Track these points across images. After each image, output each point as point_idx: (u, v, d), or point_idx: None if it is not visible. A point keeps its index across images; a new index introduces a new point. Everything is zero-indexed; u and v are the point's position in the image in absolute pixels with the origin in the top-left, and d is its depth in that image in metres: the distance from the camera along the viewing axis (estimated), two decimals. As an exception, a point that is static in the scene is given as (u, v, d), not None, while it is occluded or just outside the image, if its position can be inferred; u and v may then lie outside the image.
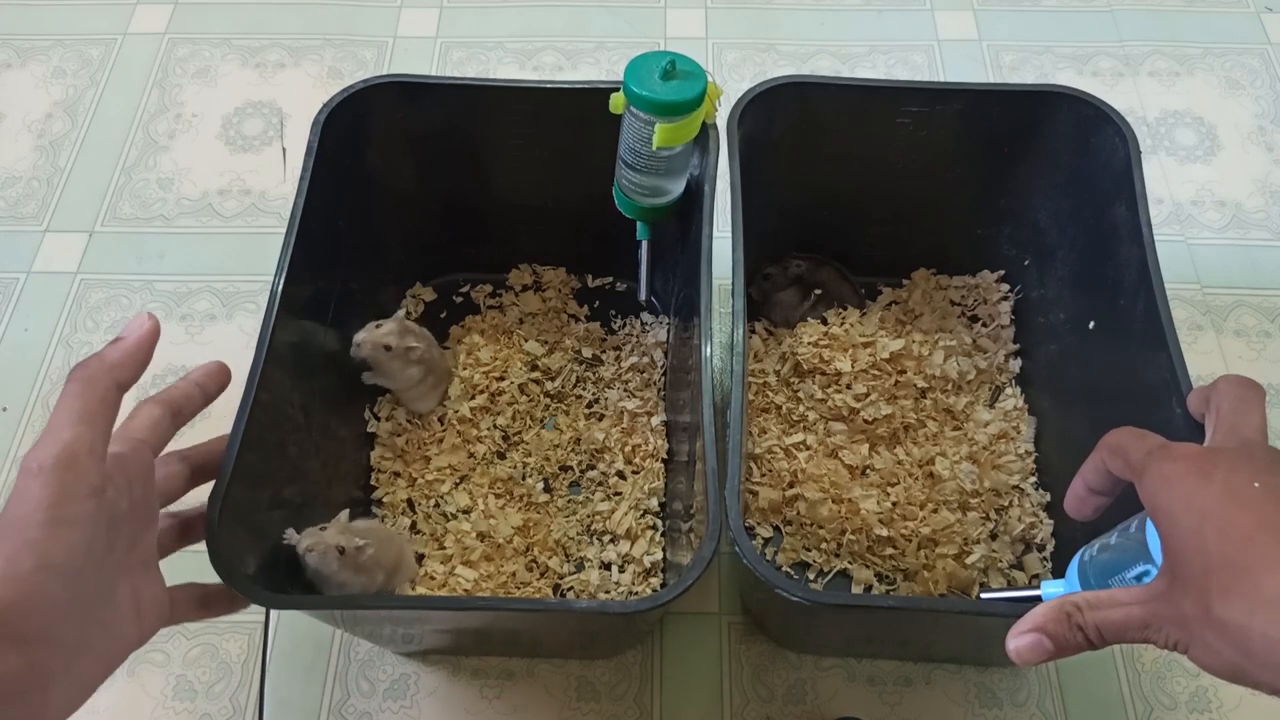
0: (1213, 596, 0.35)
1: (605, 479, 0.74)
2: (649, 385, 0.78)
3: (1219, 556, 0.35)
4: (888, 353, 0.77)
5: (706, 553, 0.49)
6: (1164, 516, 0.38)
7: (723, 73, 1.02)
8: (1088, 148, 0.67)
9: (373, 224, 0.74)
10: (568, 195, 0.75)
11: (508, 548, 0.70)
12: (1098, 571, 0.46)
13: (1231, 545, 0.35)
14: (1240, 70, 1.02)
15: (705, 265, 0.60)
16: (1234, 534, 0.35)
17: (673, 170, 0.64)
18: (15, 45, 1.05)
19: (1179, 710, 0.68)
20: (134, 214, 0.92)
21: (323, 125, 0.65)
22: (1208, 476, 0.38)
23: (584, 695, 0.68)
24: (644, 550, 0.70)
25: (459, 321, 0.82)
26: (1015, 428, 0.76)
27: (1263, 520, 0.35)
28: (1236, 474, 0.37)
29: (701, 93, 0.59)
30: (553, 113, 0.69)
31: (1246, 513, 0.36)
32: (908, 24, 1.06)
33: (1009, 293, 0.81)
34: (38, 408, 0.81)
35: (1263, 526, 0.35)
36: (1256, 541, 0.35)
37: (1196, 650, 0.37)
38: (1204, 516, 0.36)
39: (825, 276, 0.82)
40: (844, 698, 0.68)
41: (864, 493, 0.72)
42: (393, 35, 1.05)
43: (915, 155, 0.72)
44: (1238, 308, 0.86)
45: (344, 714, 0.68)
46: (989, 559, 0.70)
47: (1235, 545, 0.35)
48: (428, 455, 0.75)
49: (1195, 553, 0.36)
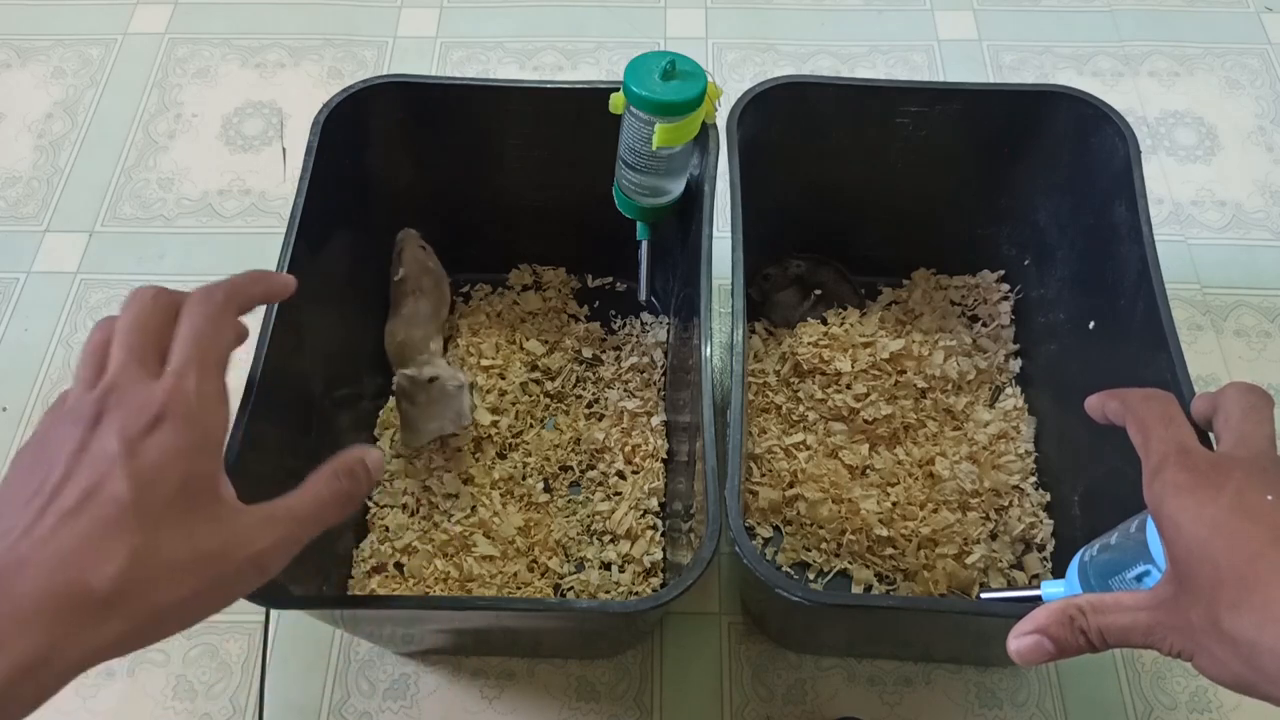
0: (1221, 609, 0.35)
1: (605, 479, 0.74)
2: (649, 385, 0.78)
3: (1229, 569, 0.35)
4: (888, 353, 0.77)
5: (706, 553, 0.49)
6: (1169, 524, 0.38)
7: (723, 73, 1.02)
8: (1088, 147, 0.67)
9: (372, 224, 0.74)
10: (568, 195, 0.75)
11: (509, 548, 0.70)
12: (1098, 571, 0.46)
13: (1242, 559, 0.35)
14: (1240, 70, 1.02)
15: (705, 265, 0.60)
16: (1245, 548, 0.35)
17: (672, 170, 0.64)
18: (15, 45, 1.05)
19: (1179, 710, 0.68)
20: (134, 214, 0.92)
21: (322, 125, 0.65)
22: (1219, 488, 0.37)
23: (584, 695, 0.68)
24: (644, 550, 0.70)
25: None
26: (1015, 428, 0.76)
27: (1274, 535, 0.35)
28: (1248, 486, 0.37)
29: (701, 93, 0.59)
30: (553, 113, 0.69)
31: (1258, 527, 0.36)
32: (908, 24, 1.06)
33: (1009, 293, 0.81)
34: (38, 408, 0.81)
35: (1274, 541, 0.35)
36: (1267, 557, 0.35)
37: (1202, 660, 0.36)
38: (1214, 528, 0.36)
39: (825, 276, 0.82)
40: (844, 698, 0.68)
41: (864, 493, 0.72)
42: (393, 35, 1.06)
43: (915, 155, 0.72)
44: (1238, 308, 0.86)
45: (344, 714, 0.68)
46: (989, 559, 0.70)
47: (1246, 559, 0.35)
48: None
49: (1204, 564, 0.36)
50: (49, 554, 0.35)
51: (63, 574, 0.34)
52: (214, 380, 0.41)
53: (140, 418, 0.37)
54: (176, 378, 0.39)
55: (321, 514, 0.42)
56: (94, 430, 0.37)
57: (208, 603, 0.38)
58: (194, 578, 0.37)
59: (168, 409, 0.38)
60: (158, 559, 0.36)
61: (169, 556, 0.36)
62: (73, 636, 0.34)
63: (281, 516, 0.40)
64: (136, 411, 0.38)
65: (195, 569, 0.37)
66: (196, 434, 0.39)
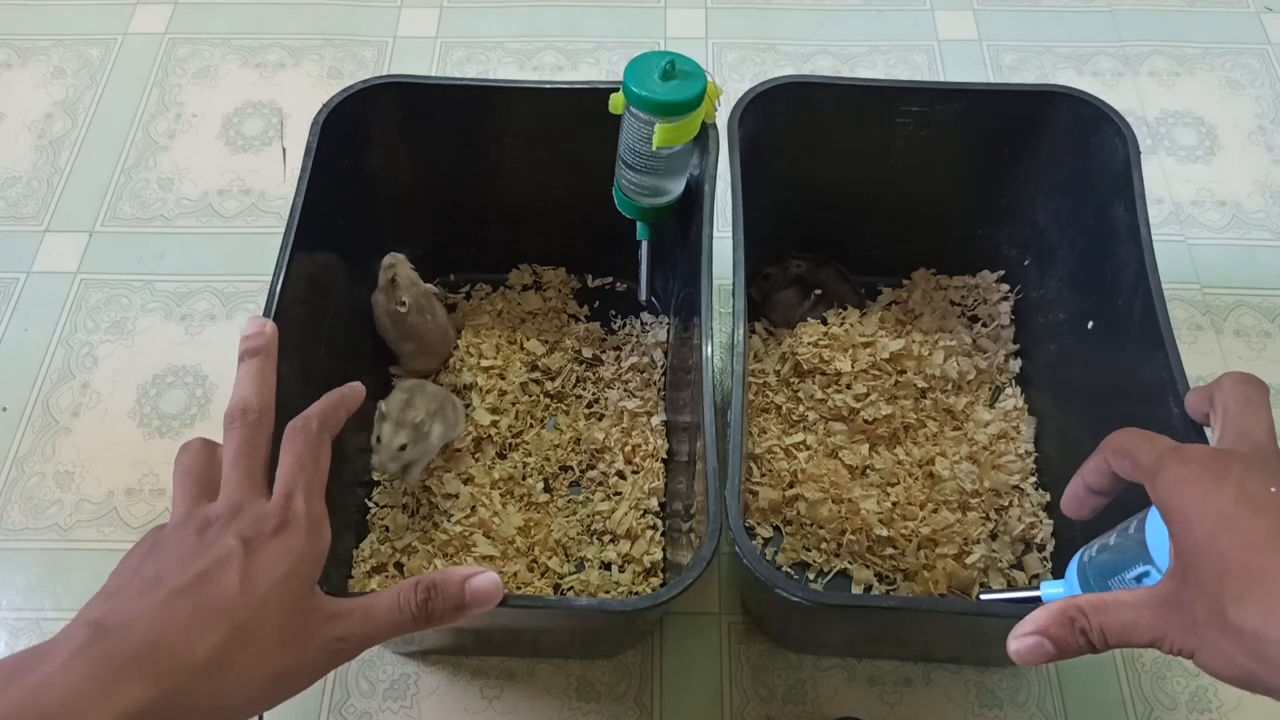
0: (1227, 601, 0.35)
1: (605, 479, 0.74)
2: (649, 385, 0.78)
3: (1234, 561, 0.35)
4: (887, 353, 0.77)
5: (706, 552, 0.49)
6: (1178, 519, 0.38)
7: (723, 73, 1.02)
8: (1087, 147, 0.67)
9: (372, 224, 0.74)
10: (568, 195, 0.75)
11: (509, 548, 0.70)
12: (1097, 572, 0.46)
13: (1248, 550, 0.35)
14: (1240, 70, 1.02)
15: (705, 265, 0.60)
16: (1250, 540, 0.35)
17: (672, 170, 0.64)
18: (15, 45, 1.05)
19: (1179, 710, 0.68)
20: (134, 214, 0.92)
21: (322, 125, 0.65)
22: (1222, 480, 0.37)
23: (584, 695, 0.68)
24: (644, 550, 0.70)
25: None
26: (1015, 428, 0.76)
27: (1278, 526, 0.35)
28: (1250, 479, 0.37)
29: (701, 93, 0.59)
30: (552, 113, 0.69)
31: (1262, 519, 0.36)
32: (908, 24, 1.06)
33: (1009, 293, 0.81)
34: (37, 408, 0.81)
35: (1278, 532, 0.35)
36: (1273, 548, 0.35)
37: (1205, 655, 0.36)
38: (1220, 520, 0.36)
39: (825, 276, 0.82)
40: (844, 698, 0.68)
41: (864, 493, 0.72)
42: (393, 35, 1.06)
43: (915, 155, 0.72)
44: (1238, 308, 0.86)
45: (344, 714, 0.68)
46: (989, 559, 0.70)
47: (1251, 551, 0.35)
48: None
49: (1209, 556, 0.36)
50: (160, 619, 0.37)
51: (170, 636, 0.37)
52: (318, 502, 0.44)
53: (259, 527, 0.41)
54: (287, 499, 0.42)
55: (398, 625, 0.43)
56: (215, 533, 0.40)
57: (293, 680, 0.40)
58: (283, 655, 0.39)
59: (283, 523, 0.41)
60: (256, 638, 0.39)
61: (265, 636, 0.39)
62: (168, 699, 0.36)
63: (358, 617, 0.42)
64: (256, 521, 0.41)
65: (285, 647, 0.40)
66: (306, 544, 0.42)
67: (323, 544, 0.43)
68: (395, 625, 0.43)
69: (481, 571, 0.45)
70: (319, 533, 0.43)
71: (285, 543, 0.41)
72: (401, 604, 0.43)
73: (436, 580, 0.44)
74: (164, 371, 0.83)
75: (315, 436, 0.46)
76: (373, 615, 0.42)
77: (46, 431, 0.80)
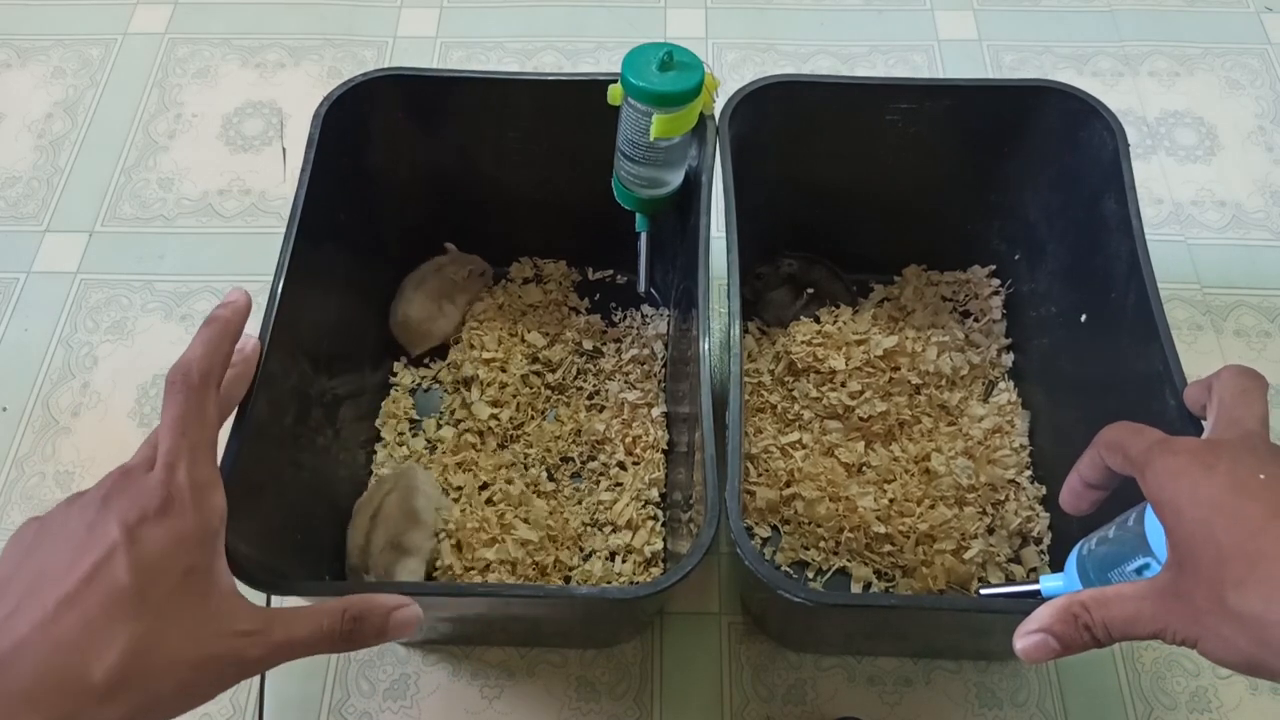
0: (1227, 588, 0.35)
1: (606, 470, 0.74)
2: (649, 377, 0.78)
3: (1231, 547, 0.35)
4: (881, 350, 0.77)
5: (705, 539, 0.49)
6: (1169, 510, 0.38)
7: (723, 73, 1.02)
8: (1076, 142, 0.67)
9: (373, 218, 0.74)
10: (568, 188, 0.75)
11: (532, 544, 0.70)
12: (1097, 565, 0.46)
13: (1244, 535, 0.35)
14: (1240, 70, 1.02)
15: (703, 256, 0.60)
16: (1246, 525, 0.35)
17: (671, 161, 0.63)
18: (15, 45, 1.05)
19: (1179, 710, 0.67)
20: (134, 214, 0.93)
21: (323, 118, 0.65)
22: (1211, 468, 0.38)
23: (584, 695, 0.68)
24: (645, 540, 0.70)
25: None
26: (1009, 422, 0.76)
27: (1274, 509, 0.35)
28: (1240, 466, 0.37)
29: (699, 83, 0.59)
30: (552, 105, 0.69)
31: (1256, 503, 0.36)
32: (908, 24, 1.06)
33: (1000, 287, 0.81)
34: (37, 408, 0.81)
35: (1273, 516, 0.35)
36: (1269, 531, 0.35)
37: (1208, 643, 0.36)
38: (1212, 508, 0.36)
39: (817, 275, 0.82)
40: (844, 698, 0.68)
41: (861, 490, 0.72)
42: (393, 35, 1.06)
43: (905, 152, 0.72)
44: (1238, 308, 0.86)
45: (344, 714, 0.68)
46: (987, 553, 0.70)
47: (1247, 536, 0.35)
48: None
49: (1205, 544, 0.36)
50: (49, 640, 0.35)
51: (61, 660, 0.35)
52: (203, 466, 0.41)
53: (143, 507, 0.38)
54: (169, 470, 0.40)
55: (316, 646, 0.41)
56: (95, 514, 0.38)
57: (200, 694, 0.39)
58: (189, 670, 0.37)
59: (163, 500, 0.39)
60: (156, 650, 0.36)
61: (166, 648, 0.37)
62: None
63: (278, 635, 0.40)
64: (137, 500, 0.38)
65: (191, 662, 0.38)
66: (191, 524, 0.39)
67: (213, 518, 0.40)
68: (314, 647, 0.41)
69: (408, 604, 0.44)
70: (207, 505, 0.40)
71: (172, 526, 0.38)
72: (326, 629, 0.41)
73: (364, 611, 0.42)
74: (164, 371, 0.81)
75: (198, 389, 0.43)
76: (294, 635, 0.41)
77: (46, 431, 0.80)
